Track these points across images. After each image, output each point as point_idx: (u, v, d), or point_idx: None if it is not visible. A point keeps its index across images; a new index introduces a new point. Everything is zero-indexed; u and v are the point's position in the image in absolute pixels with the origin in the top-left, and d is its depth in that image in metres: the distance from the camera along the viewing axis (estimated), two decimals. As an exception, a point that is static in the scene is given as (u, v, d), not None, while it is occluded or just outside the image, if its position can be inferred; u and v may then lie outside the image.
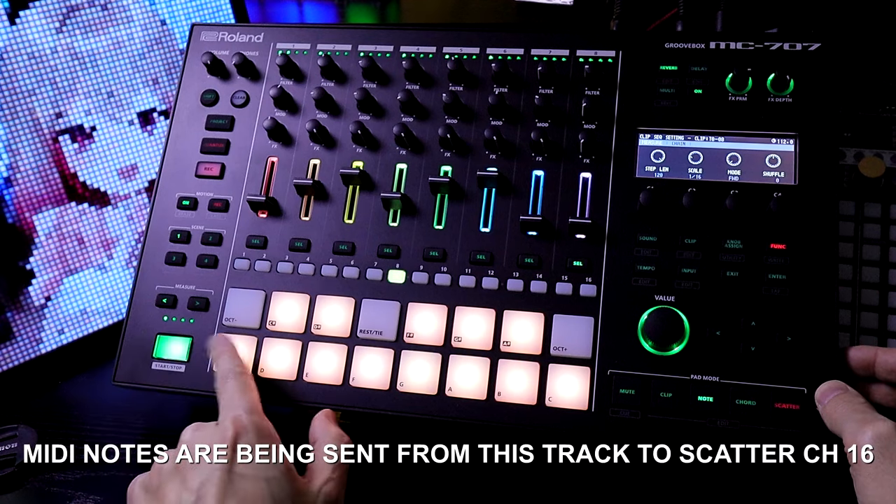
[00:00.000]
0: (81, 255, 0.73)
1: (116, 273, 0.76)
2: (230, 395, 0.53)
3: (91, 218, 0.74)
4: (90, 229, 0.74)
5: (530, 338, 0.57)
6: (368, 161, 0.64)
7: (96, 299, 0.75)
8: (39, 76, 0.70)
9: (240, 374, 0.56)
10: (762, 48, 0.61)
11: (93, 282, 0.75)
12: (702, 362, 0.55)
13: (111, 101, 0.74)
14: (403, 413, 0.57)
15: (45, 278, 0.72)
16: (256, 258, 0.63)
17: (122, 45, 0.74)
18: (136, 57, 0.75)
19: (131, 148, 0.76)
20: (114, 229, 0.75)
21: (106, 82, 0.74)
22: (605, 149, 0.61)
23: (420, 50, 0.67)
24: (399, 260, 0.61)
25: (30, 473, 0.62)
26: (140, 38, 0.75)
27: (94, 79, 0.73)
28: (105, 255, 0.75)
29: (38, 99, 0.69)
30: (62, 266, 0.72)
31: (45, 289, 0.72)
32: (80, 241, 0.73)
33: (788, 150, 0.59)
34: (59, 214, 0.72)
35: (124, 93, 0.75)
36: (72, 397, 0.71)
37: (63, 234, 0.72)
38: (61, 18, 0.70)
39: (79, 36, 0.71)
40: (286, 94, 0.66)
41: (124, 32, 0.74)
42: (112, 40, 0.73)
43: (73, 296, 0.73)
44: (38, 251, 0.71)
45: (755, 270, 0.56)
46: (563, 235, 0.59)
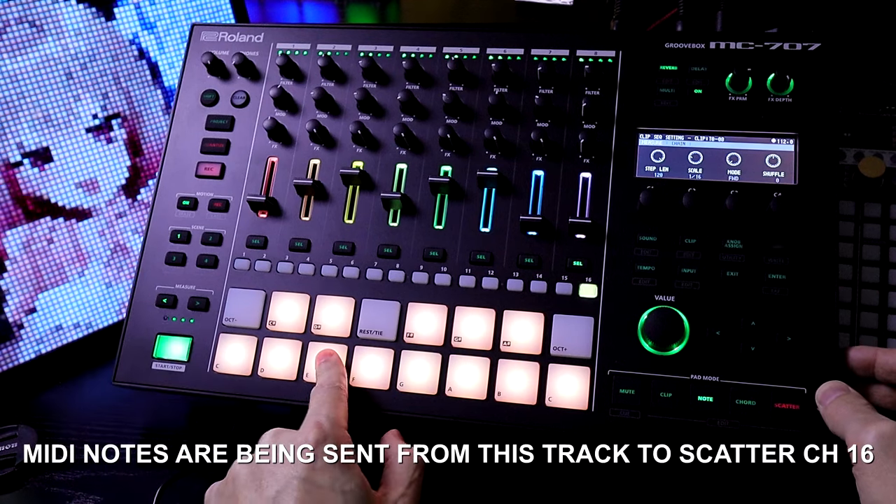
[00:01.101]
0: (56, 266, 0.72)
1: (110, 270, 0.76)
2: (318, 404, 0.53)
3: (63, 231, 0.72)
4: (64, 240, 0.72)
5: (530, 338, 0.57)
6: (368, 161, 0.64)
7: (98, 297, 0.75)
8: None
9: (335, 386, 0.55)
10: (762, 48, 0.61)
11: (91, 281, 0.75)
12: (702, 362, 0.55)
13: (59, 118, 0.71)
14: (403, 413, 0.57)
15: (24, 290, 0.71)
16: (256, 258, 0.63)
17: (58, 58, 0.70)
18: (77, 66, 0.71)
19: (92, 160, 0.73)
20: (88, 241, 0.74)
21: (49, 99, 0.70)
22: (605, 149, 0.61)
23: (420, 50, 0.67)
24: (399, 260, 0.61)
25: (30, 473, 0.62)
26: (76, 49, 0.71)
27: (36, 98, 0.69)
28: (80, 268, 0.73)
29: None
30: (38, 280, 0.71)
31: (30, 298, 0.72)
32: (75, 243, 0.72)
33: (788, 150, 0.59)
34: (30, 229, 0.70)
35: (71, 106, 0.71)
36: (72, 397, 0.71)
37: (35, 251, 0.70)
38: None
39: (6, 58, 0.67)
40: (286, 94, 0.66)
41: (57, 45, 0.70)
42: (43, 56, 0.69)
43: (72, 293, 0.73)
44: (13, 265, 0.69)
45: (755, 270, 0.56)
46: (563, 235, 0.59)
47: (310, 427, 0.49)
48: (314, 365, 0.59)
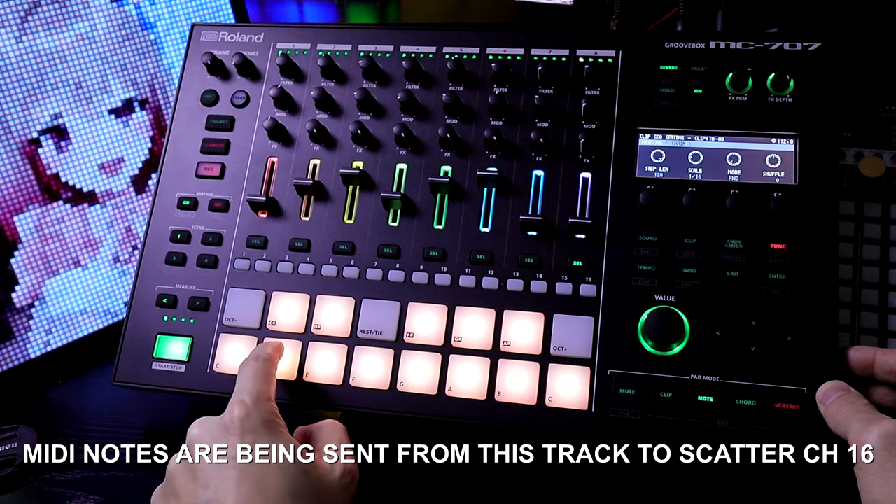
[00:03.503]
0: (68, 253, 0.73)
1: (106, 272, 0.76)
2: (243, 380, 0.52)
3: (74, 217, 0.73)
4: (75, 229, 0.73)
5: (530, 338, 0.57)
6: (368, 161, 0.64)
7: (98, 297, 0.75)
8: (4, 80, 0.68)
9: (261, 358, 0.54)
10: (762, 48, 0.61)
11: (91, 280, 0.75)
12: (702, 362, 0.55)
13: (83, 97, 0.72)
14: (403, 413, 0.57)
15: (32, 279, 0.72)
16: (256, 258, 0.63)
17: (88, 39, 0.72)
18: (105, 50, 0.73)
19: (112, 142, 0.75)
20: (98, 229, 0.75)
21: (75, 78, 0.72)
22: (605, 149, 0.61)
23: (420, 50, 0.67)
24: (399, 260, 0.61)
25: (30, 473, 0.62)
26: (104, 30, 0.73)
27: (63, 77, 0.71)
28: (91, 254, 0.74)
29: (7, 103, 0.68)
30: (47, 266, 0.72)
31: (36, 289, 0.72)
32: (66, 241, 0.73)
33: (788, 150, 0.59)
34: (40, 215, 0.71)
35: (95, 87, 0.73)
36: (72, 397, 0.71)
37: (47, 234, 0.71)
38: (21, 18, 0.68)
39: (42, 34, 0.69)
40: (286, 94, 0.66)
41: (87, 25, 0.72)
42: (75, 35, 0.71)
43: (71, 293, 0.73)
44: (22, 251, 0.70)
45: (755, 270, 0.56)
46: (563, 235, 0.59)
47: (233, 405, 0.49)
48: None
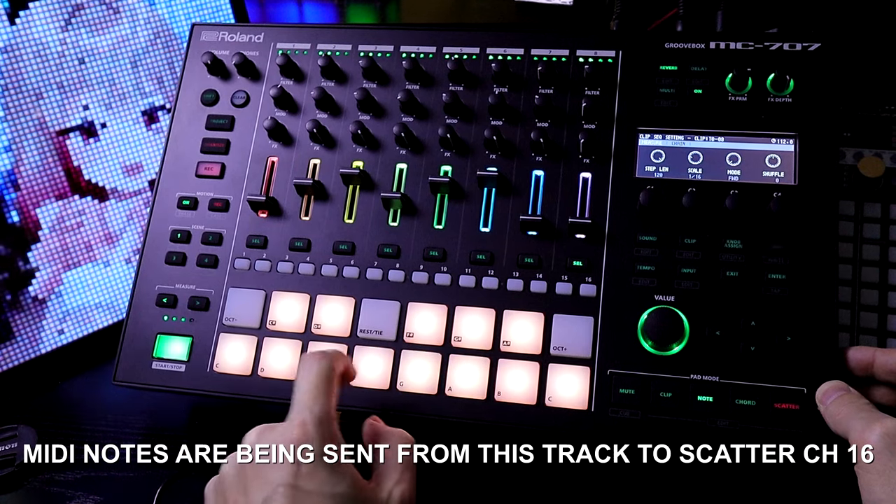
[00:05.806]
0: (83, 250, 0.74)
1: (117, 269, 0.76)
2: (302, 395, 0.48)
3: (93, 214, 0.74)
4: (92, 224, 0.74)
5: (530, 338, 0.57)
6: (368, 161, 0.64)
7: (97, 296, 0.75)
8: (44, 74, 0.70)
9: (325, 376, 0.49)
10: (762, 48, 0.61)
11: (94, 278, 0.75)
12: (702, 362, 0.55)
13: (117, 99, 0.74)
14: (403, 413, 0.57)
15: (46, 273, 0.72)
16: (256, 258, 0.63)
17: (127, 43, 0.74)
18: (141, 54, 0.75)
19: (136, 145, 0.77)
20: (115, 225, 0.75)
21: (111, 80, 0.74)
22: (605, 149, 0.61)
23: (420, 50, 0.67)
24: (399, 260, 0.61)
25: (30, 473, 0.62)
26: (143, 36, 0.75)
27: (99, 76, 0.73)
28: (108, 251, 0.75)
29: (44, 97, 0.70)
30: (63, 261, 0.72)
31: (47, 285, 0.72)
32: (83, 237, 0.74)
33: (788, 150, 0.59)
34: (61, 208, 0.72)
35: (130, 90, 0.75)
36: (72, 397, 0.71)
37: (65, 227, 0.72)
38: (66, 17, 0.70)
39: (84, 34, 0.71)
40: (286, 94, 0.66)
41: (128, 29, 0.74)
42: (116, 38, 0.74)
43: (74, 292, 0.73)
44: (41, 245, 0.71)
45: (755, 270, 0.56)
46: (563, 235, 0.59)
47: (294, 426, 0.46)
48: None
